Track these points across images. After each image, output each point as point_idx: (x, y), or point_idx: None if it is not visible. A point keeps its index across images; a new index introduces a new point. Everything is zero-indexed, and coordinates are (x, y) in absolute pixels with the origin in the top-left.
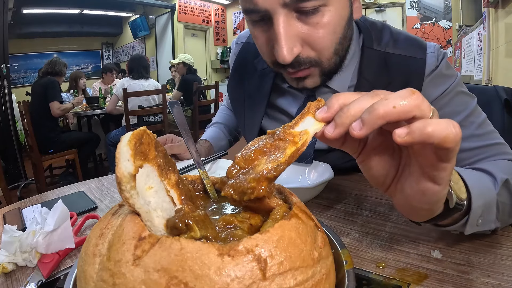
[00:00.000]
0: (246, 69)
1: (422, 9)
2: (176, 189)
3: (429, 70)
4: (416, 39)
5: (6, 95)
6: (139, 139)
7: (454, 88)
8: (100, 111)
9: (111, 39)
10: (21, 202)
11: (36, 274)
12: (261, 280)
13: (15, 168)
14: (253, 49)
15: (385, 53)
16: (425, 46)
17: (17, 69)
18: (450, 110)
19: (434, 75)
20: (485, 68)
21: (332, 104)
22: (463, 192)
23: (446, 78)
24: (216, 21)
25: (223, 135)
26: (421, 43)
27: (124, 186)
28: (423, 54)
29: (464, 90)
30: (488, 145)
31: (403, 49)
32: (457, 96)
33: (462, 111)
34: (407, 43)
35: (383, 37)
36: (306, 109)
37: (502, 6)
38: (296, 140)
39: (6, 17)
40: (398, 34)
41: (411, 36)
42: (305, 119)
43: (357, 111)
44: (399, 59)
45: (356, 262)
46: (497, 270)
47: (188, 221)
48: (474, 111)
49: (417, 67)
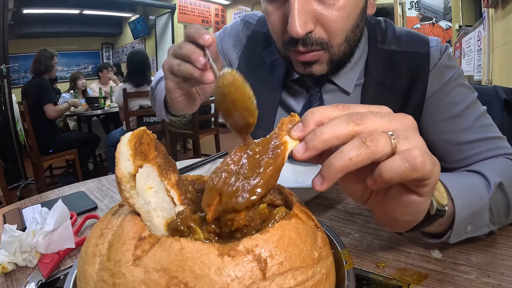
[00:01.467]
0: (254, 60)
1: (422, 9)
2: (176, 189)
3: (433, 63)
4: (418, 35)
5: (6, 95)
6: (139, 139)
7: (456, 79)
8: (100, 111)
9: (111, 39)
10: (21, 202)
11: (36, 274)
12: (261, 280)
13: (15, 168)
14: (262, 40)
15: (390, 51)
16: (428, 41)
17: (17, 69)
18: (450, 101)
19: (437, 67)
20: (485, 68)
21: (308, 123)
22: (444, 198)
23: (449, 68)
24: (216, 21)
25: None
26: (423, 37)
27: (124, 186)
28: (426, 48)
29: (465, 83)
30: (486, 138)
31: (407, 46)
32: (457, 87)
33: (461, 102)
34: (410, 39)
35: (387, 35)
36: (279, 126)
37: (502, 6)
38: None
39: (6, 17)
40: (400, 31)
41: (413, 31)
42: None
43: (330, 136)
44: (404, 56)
45: (356, 262)
46: (497, 270)
47: (190, 224)
48: (474, 103)
49: (422, 62)
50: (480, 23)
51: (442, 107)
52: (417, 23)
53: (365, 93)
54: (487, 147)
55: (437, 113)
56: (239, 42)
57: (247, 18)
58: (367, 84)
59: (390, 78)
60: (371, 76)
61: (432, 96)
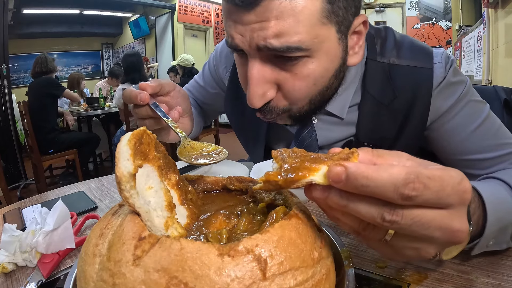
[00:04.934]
0: None
1: (422, 9)
2: (176, 189)
3: (437, 82)
4: (421, 47)
5: (6, 96)
6: (139, 139)
7: (465, 96)
8: (100, 111)
9: (111, 40)
10: (21, 202)
11: (36, 274)
12: (261, 280)
13: (15, 168)
14: None
15: (390, 65)
16: (432, 54)
17: (17, 69)
18: (462, 121)
19: (442, 86)
20: (485, 68)
21: (352, 181)
22: (477, 225)
23: (456, 85)
24: (216, 22)
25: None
26: (427, 50)
27: (123, 185)
28: (430, 63)
29: (475, 99)
30: (505, 154)
31: (409, 59)
32: (468, 105)
33: (474, 121)
34: (412, 52)
35: (387, 46)
36: (331, 154)
37: (502, 6)
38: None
39: (6, 17)
40: (402, 40)
41: (416, 42)
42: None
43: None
44: (405, 71)
45: (356, 262)
46: (497, 270)
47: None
48: (487, 118)
49: (424, 78)
50: (480, 23)
51: (454, 127)
52: (417, 23)
53: (361, 112)
54: (507, 161)
55: (450, 134)
56: (230, 61)
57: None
58: (364, 102)
59: (389, 95)
60: (369, 93)
61: (441, 116)
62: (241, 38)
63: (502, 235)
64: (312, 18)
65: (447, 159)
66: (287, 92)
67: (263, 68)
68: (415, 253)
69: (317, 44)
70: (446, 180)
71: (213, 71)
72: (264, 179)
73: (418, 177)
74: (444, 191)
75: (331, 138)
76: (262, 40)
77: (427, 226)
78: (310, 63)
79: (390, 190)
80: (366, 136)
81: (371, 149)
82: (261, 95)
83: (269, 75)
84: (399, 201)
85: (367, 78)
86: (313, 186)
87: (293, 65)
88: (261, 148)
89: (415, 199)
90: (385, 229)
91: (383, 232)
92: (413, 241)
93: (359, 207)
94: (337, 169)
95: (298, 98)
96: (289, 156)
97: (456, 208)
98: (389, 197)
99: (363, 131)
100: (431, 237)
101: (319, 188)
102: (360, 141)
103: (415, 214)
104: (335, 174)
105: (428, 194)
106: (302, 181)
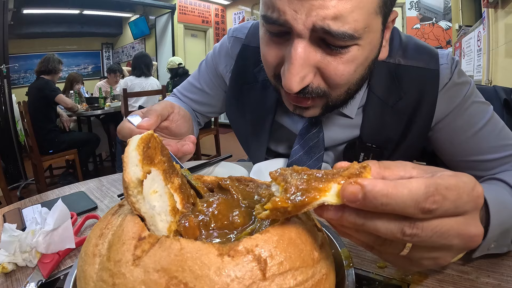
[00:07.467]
0: (245, 77)
1: (422, 10)
2: (179, 193)
3: (443, 83)
4: (427, 48)
5: (6, 96)
6: (147, 143)
7: (469, 97)
8: (100, 111)
9: (111, 40)
10: (21, 202)
11: (36, 274)
12: (261, 280)
13: (15, 168)
14: (252, 56)
15: (396, 65)
16: (437, 56)
17: (17, 69)
18: (466, 121)
19: (448, 87)
20: (485, 68)
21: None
22: None
23: (460, 86)
24: (216, 22)
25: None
26: (432, 52)
27: (131, 191)
28: (436, 64)
29: (479, 100)
30: (509, 155)
31: (415, 60)
32: (472, 106)
33: (478, 122)
34: (418, 53)
35: (393, 46)
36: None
37: (502, 6)
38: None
39: (6, 17)
40: (407, 41)
41: (421, 43)
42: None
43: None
44: (411, 71)
45: (356, 262)
46: (497, 270)
47: None
48: (491, 119)
49: (430, 79)
50: (480, 23)
51: (458, 128)
52: (417, 23)
53: (366, 113)
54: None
55: (453, 135)
56: (230, 61)
57: (236, 34)
58: (369, 103)
59: (394, 96)
60: (374, 94)
61: (445, 117)
62: (294, 15)
63: (503, 238)
64: (370, 6)
65: (450, 160)
66: (329, 75)
67: (308, 50)
68: (433, 262)
69: (366, 33)
70: (461, 188)
71: (212, 70)
72: (271, 207)
73: (437, 189)
74: (461, 199)
75: (336, 139)
76: (320, 21)
77: (446, 235)
78: (356, 50)
79: (411, 206)
80: (371, 137)
81: (377, 161)
82: (302, 77)
83: (313, 58)
84: (419, 215)
85: (373, 80)
86: (325, 206)
87: (339, 51)
88: (262, 148)
89: (435, 211)
90: (403, 243)
91: (401, 246)
92: (432, 251)
93: (378, 225)
94: (353, 188)
95: (338, 83)
96: (291, 176)
97: (471, 214)
98: (409, 213)
99: (368, 132)
100: (450, 245)
101: (331, 208)
102: (364, 142)
103: (434, 225)
104: (351, 194)
105: (447, 204)
106: (314, 203)
